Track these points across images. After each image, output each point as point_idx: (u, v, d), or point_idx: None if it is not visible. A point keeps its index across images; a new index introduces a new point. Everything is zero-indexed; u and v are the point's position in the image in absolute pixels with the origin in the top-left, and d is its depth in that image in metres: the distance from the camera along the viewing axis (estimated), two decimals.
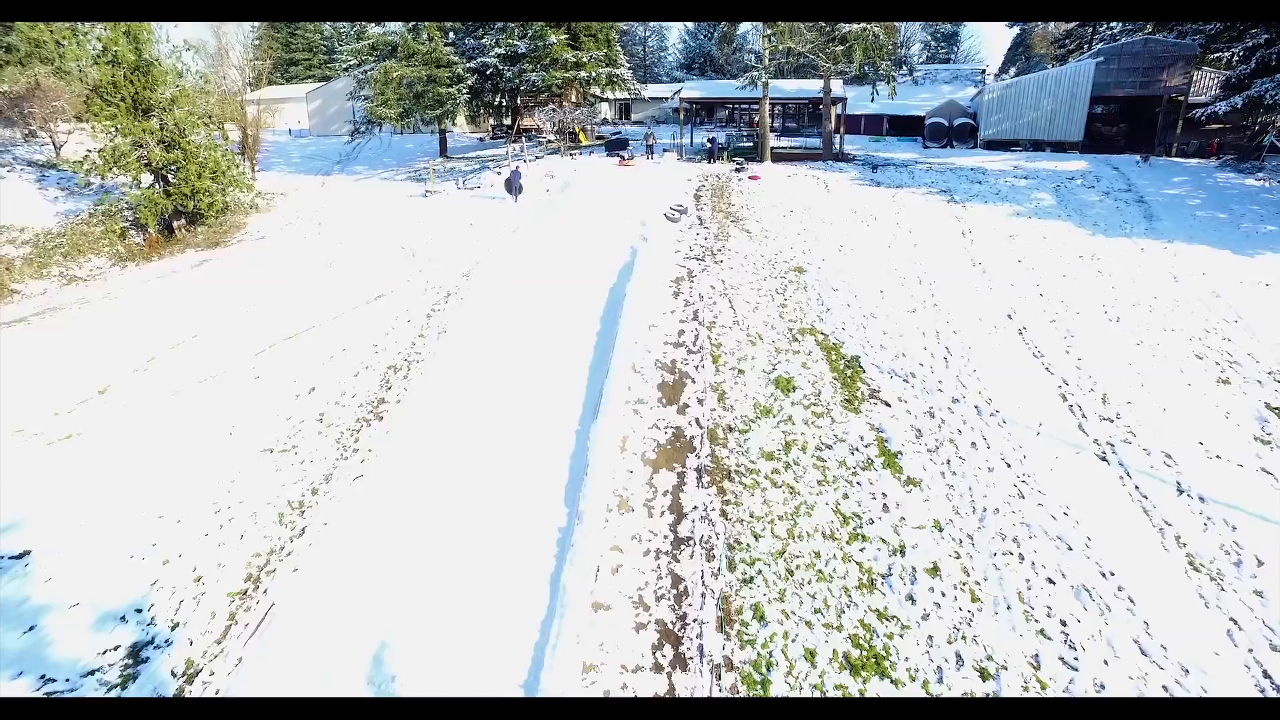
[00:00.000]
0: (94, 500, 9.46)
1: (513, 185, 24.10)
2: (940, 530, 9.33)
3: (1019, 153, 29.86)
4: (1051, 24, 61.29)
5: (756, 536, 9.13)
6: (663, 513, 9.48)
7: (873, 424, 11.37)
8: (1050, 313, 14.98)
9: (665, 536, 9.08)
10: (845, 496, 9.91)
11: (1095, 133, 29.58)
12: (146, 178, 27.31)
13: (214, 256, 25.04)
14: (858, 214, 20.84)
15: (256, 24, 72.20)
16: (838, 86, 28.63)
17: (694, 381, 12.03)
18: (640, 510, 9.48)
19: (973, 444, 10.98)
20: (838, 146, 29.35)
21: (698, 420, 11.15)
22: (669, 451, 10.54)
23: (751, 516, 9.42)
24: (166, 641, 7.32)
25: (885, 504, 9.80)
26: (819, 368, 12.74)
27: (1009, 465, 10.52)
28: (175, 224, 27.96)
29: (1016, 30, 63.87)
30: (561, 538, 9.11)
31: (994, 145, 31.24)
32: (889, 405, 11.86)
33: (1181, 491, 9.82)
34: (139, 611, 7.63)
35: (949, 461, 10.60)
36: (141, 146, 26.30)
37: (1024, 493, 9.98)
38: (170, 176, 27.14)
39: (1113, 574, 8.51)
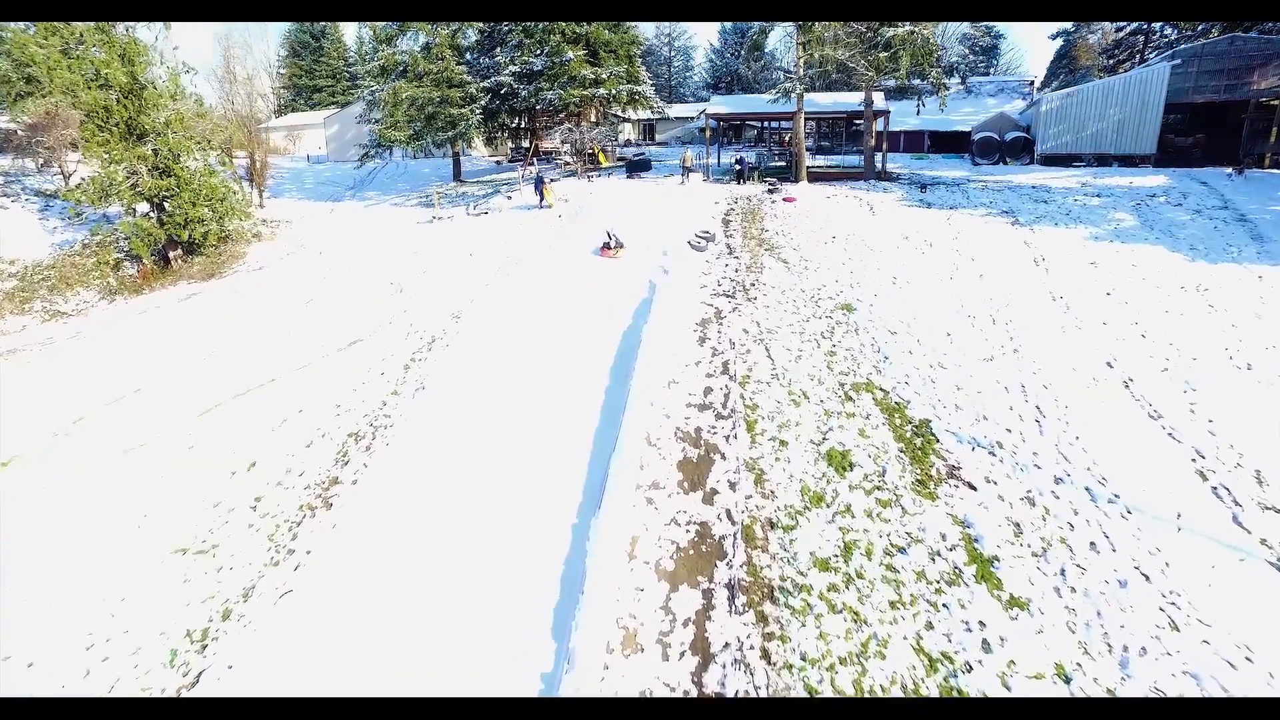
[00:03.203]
0: None
1: (537, 188, 25.13)
2: (1068, 682, 6.71)
3: (1082, 168, 26.99)
4: (1098, 34, 58.31)
5: (811, 691, 6.59)
6: (683, 653, 6.99)
7: (955, 515, 8.77)
8: (1159, 359, 12.24)
9: (685, 692, 6.60)
10: (929, 626, 7.32)
11: (1167, 144, 26.65)
12: (144, 206, 25.98)
13: (205, 289, 23.34)
14: (910, 240, 18.25)
15: (280, 50, 72.46)
16: (877, 99, 26.19)
17: (724, 457, 9.55)
18: (652, 649, 7.01)
19: (1091, 544, 8.33)
20: (880, 164, 26.83)
21: (729, 513, 8.66)
22: (692, 559, 8.06)
23: (804, 660, 6.89)
24: None
25: (984, 638, 7.19)
26: (880, 436, 10.18)
27: (1148, 578, 7.83)
28: (171, 254, 26.46)
29: (1060, 42, 60.90)
30: (545, 689, 6.70)
31: (1052, 160, 28.41)
32: (974, 488, 9.25)
33: None
34: None
35: (1063, 571, 7.95)
36: (135, 174, 24.94)
37: (1177, 621, 7.29)
38: (166, 205, 25.68)
39: None
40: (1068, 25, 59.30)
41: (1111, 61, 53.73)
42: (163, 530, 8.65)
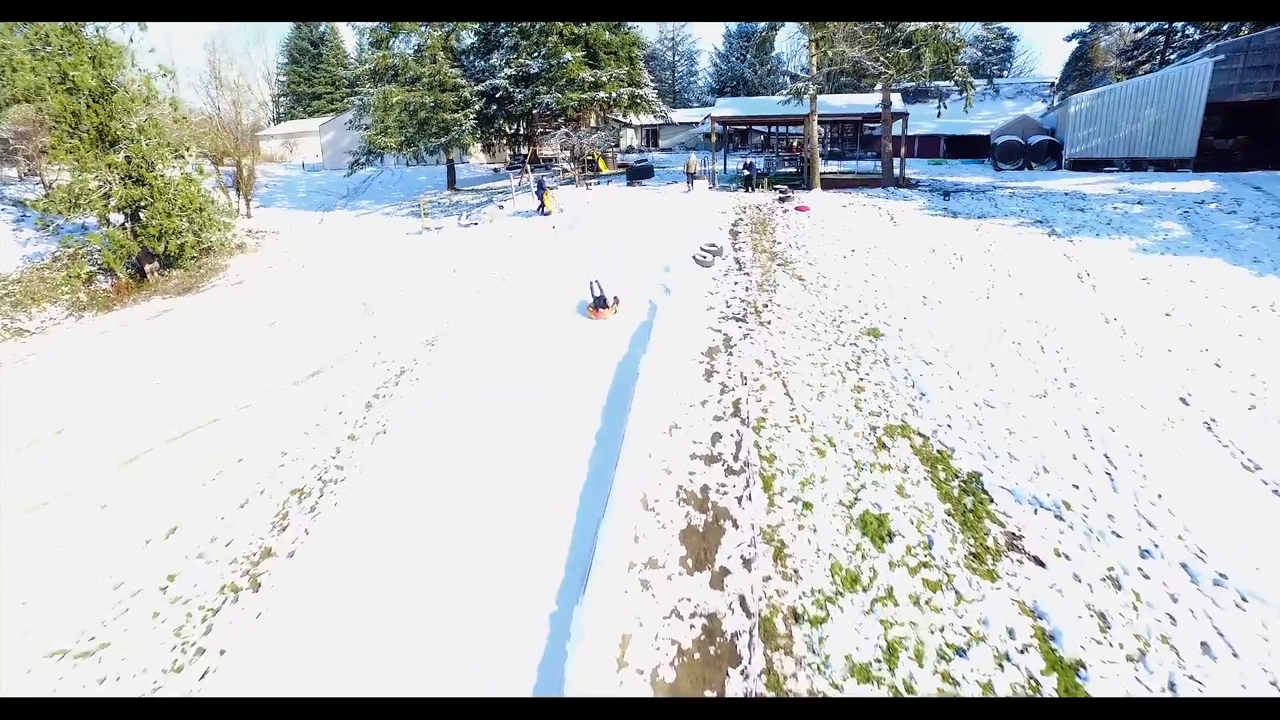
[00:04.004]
0: None
1: (538, 194, 24.14)
2: None
3: (1116, 173, 25.26)
4: (1114, 34, 56.52)
5: None
6: None
7: (1023, 602, 7.07)
8: (1243, 393, 10.52)
9: None
10: None
11: (1205, 146, 24.88)
12: (119, 216, 24.64)
13: (177, 306, 21.90)
14: (937, 253, 16.57)
15: (280, 58, 71.55)
16: (895, 101, 24.54)
17: (736, 525, 7.89)
18: None
19: (1203, 645, 6.61)
20: (899, 170, 25.16)
21: (743, 601, 6.99)
22: (697, 665, 6.40)
23: None
24: None
25: None
26: (923, 494, 8.50)
27: None
28: (147, 267, 25.05)
29: (1076, 43, 59.03)
30: None
31: (1081, 165, 26.68)
32: (1042, 565, 7.54)
33: None
34: None
35: (1174, 686, 6.24)
36: (107, 183, 23.57)
37: None
38: (140, 215, 24.25)
39: None
40: (1084, 26, 57.56)
41: (1130, 63, 51.96)
42: (43, 622, 7.04)
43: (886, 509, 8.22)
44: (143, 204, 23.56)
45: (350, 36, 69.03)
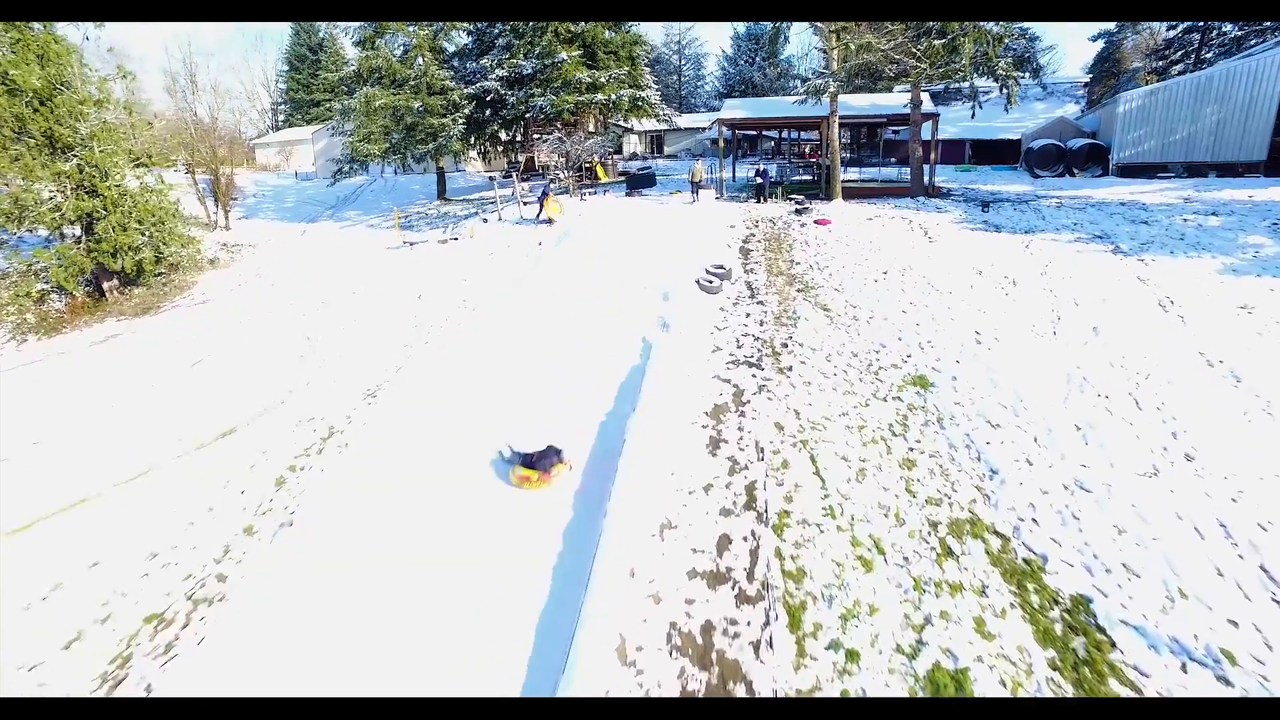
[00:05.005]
0: None
1: (540, 201, 22.39)
2: None
3: (1172, 179, 22.71)
4: (1144, 31, 53.84)
5: None
6: None
7: None
8: None
9: None
10: None
11: (1274, 148, 22.21)
12: (76, 229, 22.73)
13: (128, 329, 19.81)
14: (985, 276, 14.08)
15: (280, 65, 70.16)
16: (925, 101, 22.12)
17: (751, 692, 5.46)
18: None
19: None
20: (928, 177, 22.71)
21: None
22: None
23: None
24: None
25: None
26: (1013, 633, 6.04)
27: None
28: (106, 285, 23.05)
29: (1102, 44, 56.38)
30: None
31: (1130, 171, 24.13)
32: None
33: None
34: None
35: None
36: (60, 193, 21.60)
37: None
38: (95, 229, 22.24)
39: None
40: (1110, 26, 55.04)
41: (1162, 63, 49.25)
42: None
43: (964, 660, 5.78)
44: (96, 217, 21.56)
45: (351, 43, 67.43)
